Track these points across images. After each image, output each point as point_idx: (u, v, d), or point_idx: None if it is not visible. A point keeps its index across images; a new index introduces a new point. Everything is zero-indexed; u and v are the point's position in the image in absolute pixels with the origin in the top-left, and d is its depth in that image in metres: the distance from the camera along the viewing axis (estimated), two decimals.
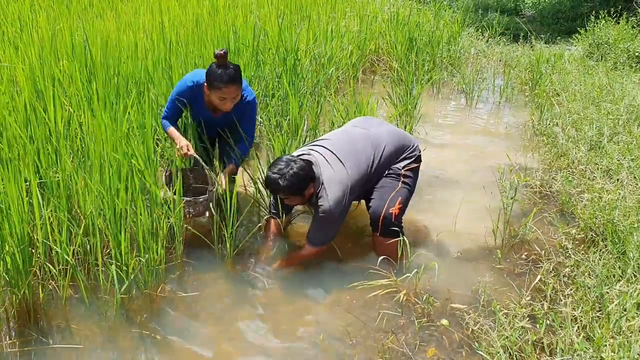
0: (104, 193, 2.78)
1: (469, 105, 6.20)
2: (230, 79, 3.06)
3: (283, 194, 2.98)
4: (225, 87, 3.07)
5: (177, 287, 2.99)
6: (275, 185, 2.93)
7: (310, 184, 3.00)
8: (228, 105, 3.17)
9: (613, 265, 2.90)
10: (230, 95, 3.11)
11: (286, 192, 2.95)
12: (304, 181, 2.96)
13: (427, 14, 8.08)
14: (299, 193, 2.98)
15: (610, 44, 7.57)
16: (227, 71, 3.05)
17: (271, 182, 2.95)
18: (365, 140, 3.20)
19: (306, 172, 2.97)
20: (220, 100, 3.13)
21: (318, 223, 3.06)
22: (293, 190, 2.95)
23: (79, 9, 6.39)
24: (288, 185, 2.92)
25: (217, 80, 3.06)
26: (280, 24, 5.36)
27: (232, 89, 3.09)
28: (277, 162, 2.98)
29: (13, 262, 2.54)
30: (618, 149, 4.20)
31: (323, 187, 3.00)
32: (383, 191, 3.22)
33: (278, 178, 2.92)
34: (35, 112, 3.22)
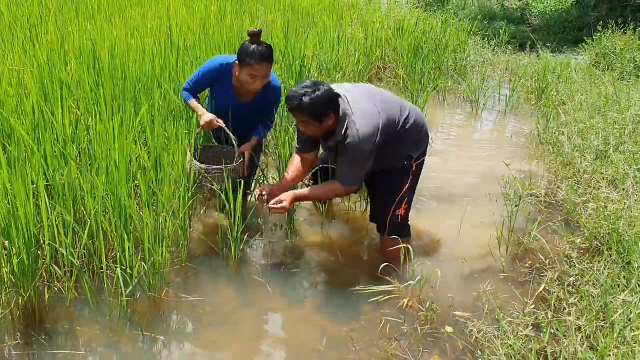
0: (110, 195, 2.80)
1: (474, 113, 6.20)
2: (262, 56, 3.05)
3: (302, 114, 2.85)
4: (257, 64, 3.05)
5: (182, 290, 3.00)
6: (297, 101, 2.81)
7: (331, 114, 2.87)
8: (258, 84, 3.13)
9: (618, 275, 2.89)
10: (261, 73, 3.09)
11: (306, 111, 2.82)
12: (326, 107, 2.84)
13: (434, 22, 8.09)
14: (318, 118, 2.85)
15: (617, 54, 7.56)
16: (259, 48, 3.05)
17: (294, 97, 2.82)
18: (394, 98, 3.15)
19: (332, 99, 2.86)
20: (251, 78, 3.10)
21: (347, 159, 2.94)
22: (314, 112, 2.82)
23: (88, 13, 6.42)
24: (310, 104, 2.80)
25: (250, 56, 3.05)
26: (286, 30, 5.38)
27: (264, 67, 3.07)
28: (303, 81, 2.88)
29: (20, 264, 2.55)
30: (624, 158, 4.19)
31: (352, 122, 2.88)
32: (389, 191, 3.19)
33: (302, 95, 2.80)
34: (44, 115, 3.24)
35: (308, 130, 2.94)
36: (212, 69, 3.26)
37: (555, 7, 11.93)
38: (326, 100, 2.82)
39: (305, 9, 7.59)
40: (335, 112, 2.89)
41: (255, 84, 3.13)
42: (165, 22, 5.89)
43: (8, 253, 2.57)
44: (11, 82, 3.74)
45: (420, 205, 4.03)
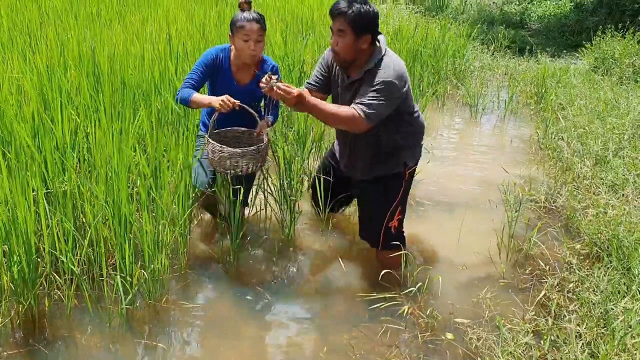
0: (109, 202, 2.80)
1: (473, 118, 6.21)
2: (253, 17, 3.06)
3: (344, 20, 2.76)
4: (248, 23, 3.05)
5: (182, 297, 3.00)
6: (345, 5, 2.76)
7: (368, 35, 2.81)
8: (252, 47, 3.08)
9: (618, 282, 2.89)
10: (254, 34, 3.06)
11: (349, 18, 2.74)
12: (369, 23, 2.78)
13: (433, 27, 8.10)
14: (358, 32, 2.76)
15: (616, 59, 7.57)
16: (252, 13, 3.08)
17: (340, 3, 2.78)
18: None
19: (376, 21, 2.81)
20: (245, 41, 3.07)
21: (375, 90, 2.77)
22: (356, 21, 2.74)
23: (87, 19, 6.43)
24: (356, 12, 2.74)
25: (241, 19, 3.06)
26: (285, 36, 5.39)
27: (256, 28, 3.06)
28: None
29: (20, 271, 2.55)
30: (623, 163, 4.20)
31: (388, 57, 2.84)
32: (381, 203, 3.15)
33: (354, 2, 2.76)
34: (43, 122, 3.24)
35: (340, 44, 2.82)
36: (209, 59, 3.20)
37: (554, 11, 11.94)
38: (372, 17, 2.78)
39: (304, 14, 7.60)
40: (373, 38, 2.83)
41: (250, 48, 3.08)
42: (164, 28, 5.90)
43: (8, 261, 2.57)
44: (11, 89, 3.74)
45: (419, 211, 4.03)
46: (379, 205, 3.17)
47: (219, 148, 2.97)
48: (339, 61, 2.92)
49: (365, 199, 3.27)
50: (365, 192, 3.24)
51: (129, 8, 7.28)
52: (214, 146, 2.99)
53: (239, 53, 3.15)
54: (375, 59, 2.84)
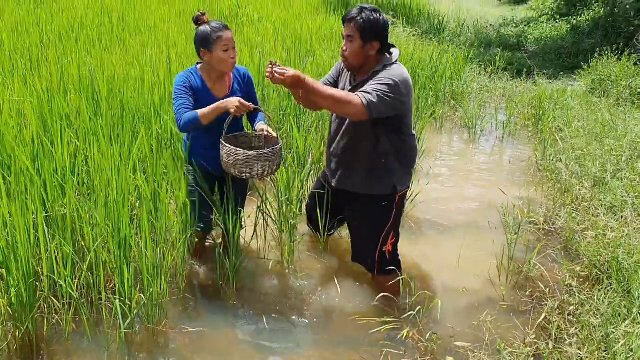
0: (109, 226, 2.80)
1: (472, 140, 6.23)
2: (224, 26, 3.04)
3: (353, 26, 2.84)
4: (224, 32, 3.02)
5: (180, 322, 2.98)
6: (356, 12, 2.85)
7: (376, 42, 2.87)
8: (232, 55, 3.06)
9: (618, 304, 2.88)
10: (231, 42, 3.04)
11: (358, 24, 2.83)
12: (378, 31, 2.85)
13: (430, 50, 8.17)
14: (366, 38, 2.84)
15: (613, 81, 7.63)
16: (216, 22, 3.05)
17: (355, 9, 2.88)
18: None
19: (385, 30, 2.89)
20: (224, 51, 3.03)
21: (378, 82, 2.81)
22: (365, 28, 2.83)
23: (88, 43, 6.48)
24: (366, 19, 2.83)
25: (215, 30, 3.01)
26: (285, 59, 5.43)
27: (231, 35, 3.05)
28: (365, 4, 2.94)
29: (18, 295, 2.54)
30: (622, 185, 4.21)
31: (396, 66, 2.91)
32: (373, 228, 3.14)
33: (364, 9, 2.86)
34: (43, 146, 3.25)
35: (349, 49, 2.90)
36: (184, 79, 3.10)
37: (550, 33, 12.06)
38: (380, 25, 2.85)
39: (304, 37, 7.66)
40: (381, 45, 2.89)
41: (231, 56, 3.06)
42: (164, 52, 5.95)
43: (6, 284, 2.56)
44: (11, 113, 3.76)
45: (418, 233, 4.03)
46: (370, 229, 3.16)
47: (234, 150, 2.93)
48: (348, 66, 2.98)
49: (356, 223, 3.27)
50: (356, 215, 3.24)
51: (130, 32, 7.33)
52: (229, 149, 2.94)
53: (219, 65, 3.07)
54: (383, 64, 2.91)
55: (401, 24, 10.50)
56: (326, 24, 8.99)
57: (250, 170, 2.95)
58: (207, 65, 3.11)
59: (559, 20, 13.06)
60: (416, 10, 13.01)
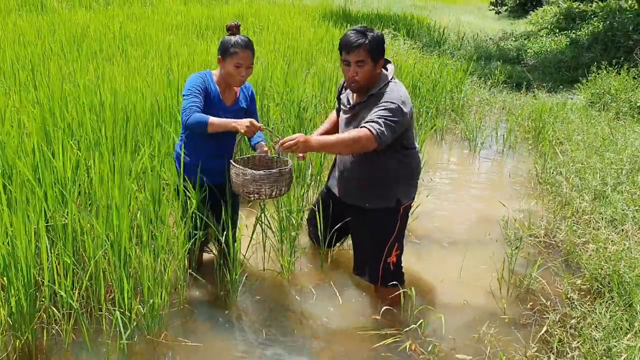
0: (109, 236, 2.79)
1: (472, 152, 6.24)
2: (246, 44, 3.05)
3: (362, 51, 2.86)
4: (242, 51, 3.02)
5: (180, 333, 2.96)
6: (361, 37, 2.86)
7: (381, 60, 2.95)
8: (242, 74, 3.07)
9: (620, 318, 2.87)
10: (246, 62, 3.05)
11: (368, 47, 2.86)
12: (382, 48, 2.93)
13: (431, 63, 8.21)
14: (376, 58, 2.90)
15: (612, 94, 7.66)
16: (242, 37, 3.07)
17: (356, 34, 2.87)
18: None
19: (384, 44, 2.95)
20: (236, 67, 3.04)
21: (383, 108, 2.84)
22: (374, 49, 2.87)
23: (90, 53, 6.51)
24: (373, 40, 2.86)
25: (234, 45, 3.03)
26: (286, 70, 5.45)
27: (248, 55, 3.05)
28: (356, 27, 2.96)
29: (18, 305, 2.53)
30: (622, 198, 4.21)
31: (393, 84, 2.96)
32: (377, 240, 3.15)
33: (365, 31, 2.89)
34: (44, 156, 3.25)
35: (360, 74, 2.91)
36: (201, 81, 3.10)
37: (550, 47, 12.12)
38: (382, 40, 2.92)
39: (305, 48, 7.70)
40: (384, 63, 2.99)
41: (241, 74, 3.06)
42: (166, 62, 5.97)
43: (6, 294, 2.55)
44: (12, 123, 3.76)
45: (419, 246, 4.02)
46: (373, 241, 3.17)
47: (242, 171, 2.93)
48: (358, 89, 2.99)
49: (360, 235, 3.27)
50: (360, 227, 3.24)
51: (131, 42, 7.37)
52: (237, 169, 2.95)
53: (227, 77, 3.10)
54: (381, 84, 2.95)
55: (402, 36, 10.56)
56: (327, 35, 9.04)
57: (259, 190, 2.94)
58: (220, 73, 3.14)
59: (559, 34, 13.14)
60: (416, 24, 13.08)
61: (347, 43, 2.89)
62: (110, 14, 9.54)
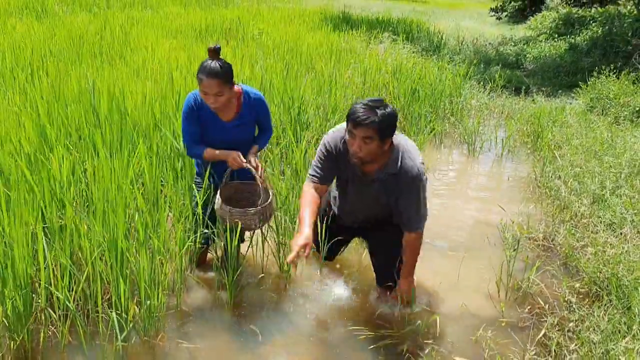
0: (106, 238, 2.79)
1: (471, 156, 6.24)
2: (210, 72, 2.91)
3: (371, 129, 2.63)
4: (206, 79, 2.91)
5: (177, 335, 2.95)
6: (371, 114, 2.61)
7: (390, 138, 2.73)
8: (210, 101, 2.98)
9: (618, 321, 2.86)
10: (211, 90, 2.93)
11: (377, 126, 2.62)
12: (393, 126, 2.69)
13: (430, 67, 8.22)
14: (384, 136, 2.67)
15: (611, 99, 7.67)
16: (211, 64, 2.94)
17: (365, 110, 2.63)
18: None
19: (396, 120, 2.71)
20: (203, 94, 2.99)
21: (414, 197, 2.79)
22: (383, 128, 2.63)
23: (89, 56, 6.51)
24: (383, 119, 2.62)
25: (200, 71, 2.94)
26: (285, 73, 5.46)
27: (212, 83, 2.91)
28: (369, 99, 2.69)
29: (14, 306, 2.52)
30: (621, 202, 4.21)
31: (406, 152, 2.80)
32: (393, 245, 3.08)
33: (376, 107, 2.63)
34: (41, 157, 3.25)
35: (364, 150, 2.70)
36: (190, 106, 3.11)
37: (549, 52, 12.14)
38: (394, 119, 2.68)
39: (304, 52, 7.71)
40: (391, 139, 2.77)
41: (209, 101, 3.00)
42: (165, 66, 5.97)
43: (1, 295, 2.54)
44: (10, 124, 3.76)
45: None
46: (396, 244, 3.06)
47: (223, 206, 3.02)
48: (358, 162, 2.80)
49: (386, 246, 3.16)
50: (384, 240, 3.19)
51: (131, 46, 7.37)
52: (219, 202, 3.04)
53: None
54: (395, 161, 2.80)
55: (401, 40, 10.57)
56: (326, 40, 9.05)
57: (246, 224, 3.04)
58: None
59: (558, 39, 13.16)
60: (416, 28, 13.11)
61: (355, 118, 2.65)
62: (110, 17, 9.55)
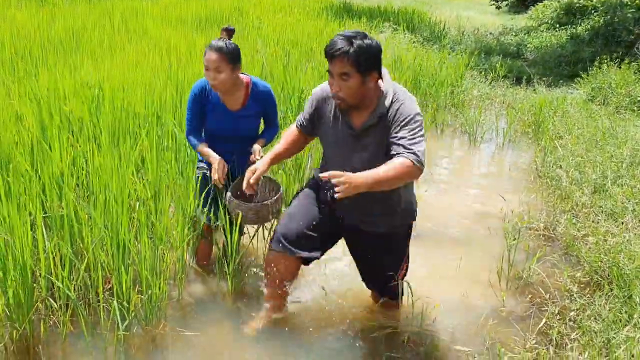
0: (107, 227, 2.78)
1: (472, 146, 6.23)
2: (215, 47, 2.96)
3: (346, 61, 2.35)
4: (208, 52, 2.96)
5: (179, 324, 2.95)
6: (345, 44, 2.34)
7: (375, 72, 2.42)
8: (210, 77, 2.99)
9: (619, 310, 2.86)
10: (212, 64, 2.95)
11: (352, 58, 2.34)
12: (375, 60, 2.39)
13: (431, 57, 8.19)
14: (364, 71, 2.37)
15: (613, 88, 7.64)
16: (218, 41, 3.00)
17: (340, 40, 2.36)
18: None
19: (380, 54, 2.42)
20: (206, 70, 3.01)
21: (408, 128, 2.42)
22: (360, 59, 2.34)
23: (89, 46, 6.49)
24: (359, 49, 2.34)
25: (207, 46, 3.00)
26: (285, 63, 5.44)
27: (214, 57, 2.94)
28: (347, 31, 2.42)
29: (15, 296, 2.52)
30: (622, 192, 4.20)
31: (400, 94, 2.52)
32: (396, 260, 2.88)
33: (352, 37, 2.35)
34: (42, 148, 3.24)
35: (344, 89, 2.42)
36: (195, 94, 3.14)
37: (550, 42, 12.09)
38: (376, 51, 2.39)
39: (304, 42, 7.68)
40: (379, 75, 2.46)
41: (209, 78, 3.01)
42: (164, 57, 5.95)
43: (3, 285, 2.54)
44: (10, 115, 3.75)
45: (418, 240, 3.98)
46: (392, 261, 2.89)
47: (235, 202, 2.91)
48: (344, 107, 2.52)
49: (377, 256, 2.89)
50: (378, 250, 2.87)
51: (131, 36, 7.34)
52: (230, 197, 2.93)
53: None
54: (387, 101, 2.49)
55: (402, 30, 10.53)
56: (327, 28, 9.02)
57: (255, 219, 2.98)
58: None
59: (559, 29, 13.09)
60: (417, 18, 13.05)
61: (329, 49, 2.40)
62: (110, 6, 9.50)
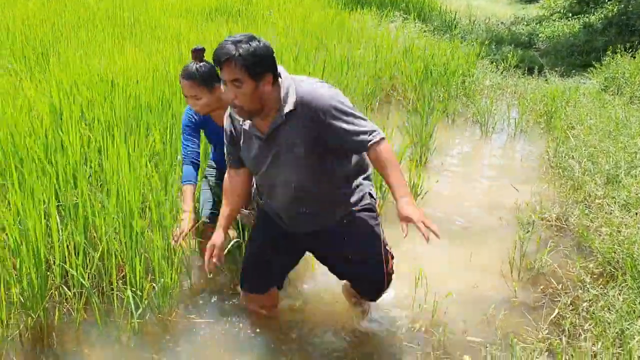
0: (120, 216, 2.80)
1: (483, 136, 6.19)
2: (185, 74, 2.82)
3: (235, 67, 2.19)
4: (181, 80, 2.84)
5: (191, 312, 2.97)
6: (231, 49, 2.18)
7: (268, 75, 2.25)
8: (190, 103, 2.91)
9: (633, 301, 2.84)
10: (187, 92, 2.83)
11: (240, 62, 2.18)
12: (266, 61, 2.24)
13: (442, 46, 8.13)
14: (255, 75, 2.21)
15: (627, 78, 7.56)
16: (189, 66, 2.83)
17: (225, 45, 2.20)
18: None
19: (271, 55, 2.27)
20: (185, 97, 2.92)
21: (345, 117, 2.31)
22: (250, 63, 2.18)
23: (100, 37, 6.49)
24: (246, 53, 2.18)
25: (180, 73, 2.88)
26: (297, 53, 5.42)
27: (186, 85, 2.82)
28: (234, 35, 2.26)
29: (29, 284, 2.54)
30: (636, 182, 4.16)
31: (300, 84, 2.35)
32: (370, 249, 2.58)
33: (237, 42, 2.20)
34: (55, 137, 3.26)
35: (240, 96, 2.24)
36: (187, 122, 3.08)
37: (562, 31, 11.98)
38: (263, 52, 2.23)
39: (315, 32, 7.65)
40: (273, 76, 2.29)
41: (189, 103, 2.93)
42: (175, 47, 5.95)
43: (18, 273, 2.56)
44: (23, 105, 3.76)
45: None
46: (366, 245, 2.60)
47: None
48: (244, 115, 2.35)
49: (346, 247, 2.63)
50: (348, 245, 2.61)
51: (141, 27, 7.34)
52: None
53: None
54: (290, 97, 2.32)
55: (413, 20, 10.46)
56: (337, 18, 8.97)
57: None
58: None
59: (571, 18, 12.97)
60: (427, 7, 12.95)
61: (216, 56, 2.22)
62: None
